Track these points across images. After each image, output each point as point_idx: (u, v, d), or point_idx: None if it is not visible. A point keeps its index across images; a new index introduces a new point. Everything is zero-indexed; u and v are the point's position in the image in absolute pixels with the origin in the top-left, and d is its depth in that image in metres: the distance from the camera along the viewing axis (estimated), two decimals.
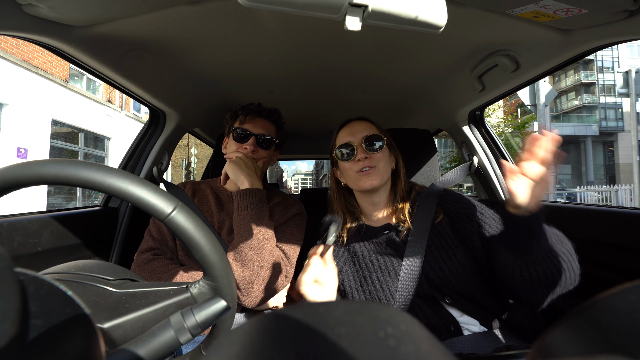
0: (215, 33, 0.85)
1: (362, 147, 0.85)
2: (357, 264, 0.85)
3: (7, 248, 0.81)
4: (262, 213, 0.89)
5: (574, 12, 0.65)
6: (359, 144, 0.85)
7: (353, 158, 0.85)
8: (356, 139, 0.86)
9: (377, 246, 0.85)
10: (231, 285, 0.40)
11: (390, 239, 0.84)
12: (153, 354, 0.33)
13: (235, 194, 0.91)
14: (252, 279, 0.82)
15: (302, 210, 1.07)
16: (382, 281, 0.78)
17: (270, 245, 0.87)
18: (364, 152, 0.84)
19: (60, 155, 7.31)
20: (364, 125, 0.89)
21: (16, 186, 0.33)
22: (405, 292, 0.75)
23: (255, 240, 0.85)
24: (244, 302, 0.84)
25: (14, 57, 5.97)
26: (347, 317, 0.15)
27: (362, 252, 0.85)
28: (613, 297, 0.17)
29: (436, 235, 0.80)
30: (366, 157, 0.84)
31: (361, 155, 0.84)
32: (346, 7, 0.45)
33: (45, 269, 0.40)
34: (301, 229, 1.03)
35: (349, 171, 0.87)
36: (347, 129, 0.90)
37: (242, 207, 0.88)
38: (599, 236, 0.95)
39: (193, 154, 14.04)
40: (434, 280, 0.76)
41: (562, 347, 0.18)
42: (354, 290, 0.82)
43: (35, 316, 0.21)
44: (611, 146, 22.14)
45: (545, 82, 9.37)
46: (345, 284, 0.83)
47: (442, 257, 0.76)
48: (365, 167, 0.83)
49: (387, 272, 0.79)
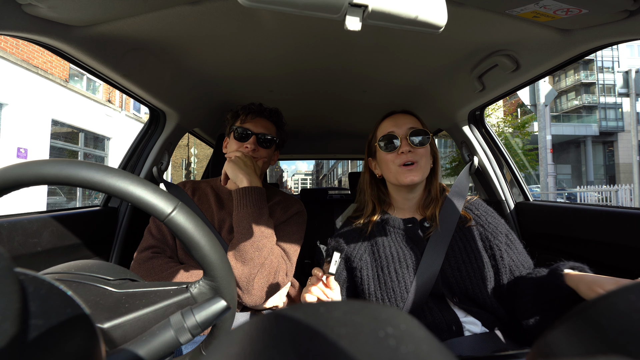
0: (215, 33, 0.85)
1: (406, 139, 0.83)
2: (376, 253, 0.84)
3: (7, 248, 0.81)
4: (262, 211, 0.89)
5: (574, 12, 0.65)
6: (404, 136, 0.84)
7: (396, 150, 0.83)
8: (401, 131, 0.84)
9: (399, 238, 0.85)
10: (231, 285, 0.40)
11: (413, 233, 0.84)
12: (153, 353, 0.33)
13: (234, 192, 0.91)
14: (252, 277, 0.82)
15: (302, 209, 1.07)
16: (399, 273, 0.78)
17: (270, 243, 0.87)
18: (408, 145, 0.83)
19: (60, 155, 7.30)
20: (409, 118, 0.88)
21: (16, 186, 0.33)
22: (420, 287, 0.76)
23: (255, 238, 0.85)
24: (244, 300, 0.84)
25: (14, 57, 5.97)
26: (347, 317, 0.15)
27: (382, 242, 0.85)
28: (613, 297, 0.17)
29: (461, 237, 0.81)
30: (410, 151, 0.82)
31: (405, 147, 0.82)
32: (346, 7, 0.45)
33: (45, 269, 0.40)
34: (301, 228, 1.03)
35: (390, 163, 0.85)
36: (392, 120, 0.88)
37: (242, 205, 0.88)
38: (598, 236, 0.95)
39: (193, 154, 14.04)
40: (449, 279, 0.76)
41: (562, 347, 0.18)
42: (370, 280, 0.82)
43: (35, 316, 0.21)
44: (611, 146, 22.13)
45: (545, 82, 9.37)
46: (363, 272, 0.83)
47: (462, 258, 0.77)
48: (408, 161, 0.82)
49: (405, 265, 0.79)
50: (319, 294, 0.67)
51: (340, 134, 2.06)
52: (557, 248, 1.12)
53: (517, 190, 1.32)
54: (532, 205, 1.24)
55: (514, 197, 1.32)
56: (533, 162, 11.20)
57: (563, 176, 21.85)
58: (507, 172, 1.34)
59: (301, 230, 1.02)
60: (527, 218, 1.25)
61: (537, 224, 1.20)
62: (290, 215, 1.02)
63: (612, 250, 0.91)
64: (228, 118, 1.07)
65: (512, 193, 1.32)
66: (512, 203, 1.30)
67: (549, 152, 9.13)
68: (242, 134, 1.00)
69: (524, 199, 1.31)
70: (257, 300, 0.84)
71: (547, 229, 1.15)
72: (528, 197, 1.30)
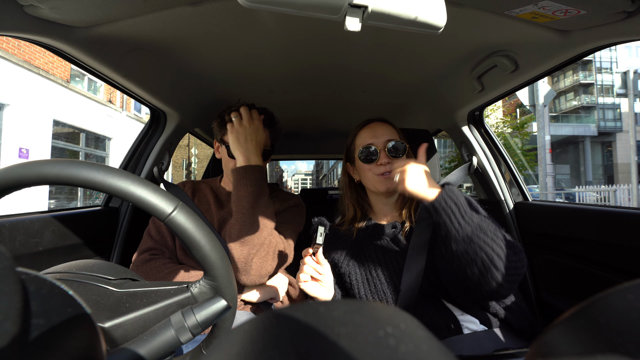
0: (216, 33, 0.85)
1: (385, 151, 0.86)
2: (363, 258, 0.86)
3: (9, 247, 0.81)
4: (262, 191, 0.87)
5: (573, 13, 0.65)
6: (382, 149, 0.86)
7: (375, 162, 0.86)
8: (379, 142, 0.87)
9: (383, 242, 0.86)
10: (232, 284, 0.40)
11: (395, 236, 0.86)
12: (154, 353, 0.33)
13: (233, 171, 0.87)
14: (250, 257, 0.81)
15: (301, 202, 1.06)
16: (387, 276, 0.80)
17: (270, 223, 0.85)
18: (387, 157, 0.86)
19: (62, 155, 7.30)
20: (386, 128, 0.90)
21: (18, 186, 0.33)
22: (408, 288, 0.76)
23: (255, 217, 0.83)
24: (241, 280, 0.83)
25: (15, 57, 5.97)
26: (347, 316, 0.15)
27: (368, 247, 0.87)
28: (611, 296, 0.17)
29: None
30: (388, 162, 0.85)
31: (384, 160, 0.85)
32: (346, 8, 0.45)
33: (47, 269, 0.40)
34: (301, 216, 1.02)
35: (368, 172, 0.88)
36: (370, 131, 0.90)
37: (242, 185, 0.85)
38: (598, 236, 0.95)
39: (193, 154, 14.03)
40: (433, 279, 0.76)
41: (560, 346, 0.18)
42: (360, 284, 0.83)
43: (36, 315, 0.21)
44: (609, 146, 22.14)
45: (544, 82, 9.38)
46: (352, 277, 0.84)
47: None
48: (387, 171, 0.85)
49: (392, 268, 0.81)
50: (311, 272, 0.72)
51: (340, 134, 2.05)
52: (556, 248, 1.12)
53: (516, 191, 1.32)
54: (531, 205, 1.24)
55: (513, 197, 1.32)
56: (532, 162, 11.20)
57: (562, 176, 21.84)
58: (506, 172, 1.34)
59: (301, 218, 1.01)
60: (526, 218, 1.25)
61: (536, 224, 1.20)
62: (289, 206, 1.01)
63: (611, 250, 0.92)
64: (215, 126, 1.01)
65: (511, 193, 1.32)
66: (511, 203, 1.30)
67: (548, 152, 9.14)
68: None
69: (523, 199, 1.31)
70: (255, 280, 0.83)
71: (546, 229, 1.15)
72: (527, 197, 1.30)
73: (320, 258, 0.73)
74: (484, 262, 0.61)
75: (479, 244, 0.62)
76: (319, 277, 0.73)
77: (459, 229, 0.63)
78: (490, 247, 0.62)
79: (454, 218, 0.64)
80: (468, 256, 0.62)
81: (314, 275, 0.73)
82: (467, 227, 0.63)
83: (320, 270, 0.73)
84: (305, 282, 0.71)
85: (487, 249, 0.61)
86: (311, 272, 0.72)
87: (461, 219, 0.64)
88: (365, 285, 0.83)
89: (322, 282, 0.74)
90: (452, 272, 0.69)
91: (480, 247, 0.62)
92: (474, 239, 0.62)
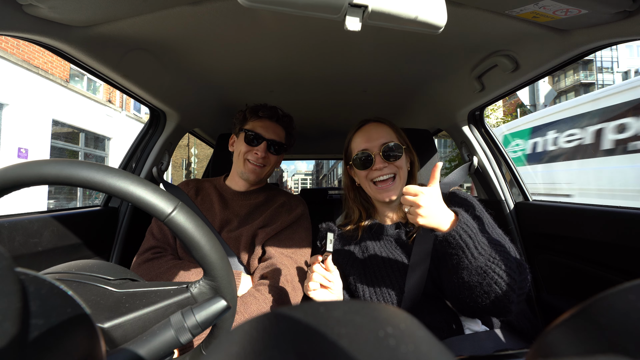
0: (216, 33, 0.85)
1: (380, 156, 0.83)
2: (367, 259, 0.85)
3: (8, 248, 0.81)
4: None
5: (574, 13, 0.65)
6: (377, 153, 0.83)
7: (370, 167, 0.84)
8: (374, 146, 0.84)
9: (388, 244, 0.85)
10: (231, 285, 0.40)
11: (399, 237, 0.85)
12: (153, 353, 0.33)
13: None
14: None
15: (306, 211, 1.06)
16: (391, 277, 0.79)
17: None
18: (383, 161, 0.83)
19: (61, 155, 7.30)
20: (381, 130, 0.87)
21: (17, 186, 0.33)
22: (412, 289, 0.76)
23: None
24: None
25: (14, 57, 5.97)
26: (347, 316, 0.15)
27: (373, 248, 0.86)
28: (612, 296, 0.17)
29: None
30: (385, 167, 0.83)
31: (379, 165, 0.82)
32: (346, 8, 0.45)
33: (46, 269, 0.40)
34: (309, 233, 1.02)
35: (366, 179, 0.86)
36: (364, 134, 0.87)
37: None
38: (598, 236, 0.95)
39: (193, 154, 14.03)
40: (436, 280, 0.76)
41: (561, 346, 0.18)
42: (364, 286, 0.82)
43: (35, 316, 0.21)
44: None
45: (545, 82, 9.37)
46: (356, 278, 0.84)
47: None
48: (383, 175, 0.83)
49: (396, 269, 0.80)
50: (320, 280, 0.69)
51: (340, 134, 2.05)
52: (557, 248, 1.12)
53: (516, 190, 1.32)
54: (532, 205, 1.24)
55: (513, 197, 1.32)
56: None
57: None
58: (506, 172, 1.34)
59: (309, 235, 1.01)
60: (526, 218, 1.25)
61: (536, 224, 1.20)
62: (296, 217, 1.01)
63: (612, 250, 0.91)
64: (237, 117, 1.06)
65: (511, 193, 1.32)
66: (512, 203, 1.30)
67: None
68: (253, 138, 0.99)
69: (524, 198, 1.31)
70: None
71: (547, 228, 1.15)
72: (528, 197, 1.30)
73: (329, 265, 0.70)
74: (497, 295, 0.60)
75: (491, 276, 0.60)
76: (329, 284, 0.70)
77: (472, 260, 0.61)
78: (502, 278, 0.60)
79: (467, 251, 0.61)
80: (481, 288, 0.61)
81: (323, 283, 0.70)
82: (481, 257, 0.61)
83: (330, 277, 0.71)
84: (315, 290, 0.69)
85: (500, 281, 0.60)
86: (321, 280, 0.69)
87: (474, 250, 0.61)
88: (369, 286, 0.82)
89: (332, 290, 0.71)
90: (462, 300, 0.67)
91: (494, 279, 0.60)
92: (488, 272, 0.60)
